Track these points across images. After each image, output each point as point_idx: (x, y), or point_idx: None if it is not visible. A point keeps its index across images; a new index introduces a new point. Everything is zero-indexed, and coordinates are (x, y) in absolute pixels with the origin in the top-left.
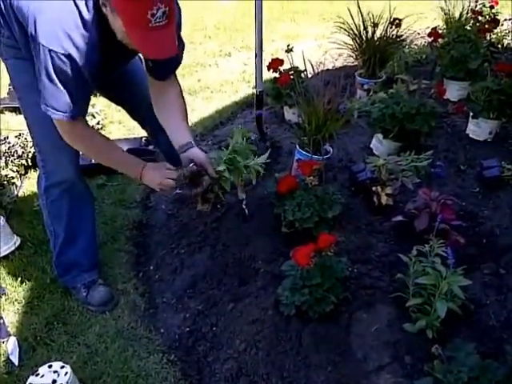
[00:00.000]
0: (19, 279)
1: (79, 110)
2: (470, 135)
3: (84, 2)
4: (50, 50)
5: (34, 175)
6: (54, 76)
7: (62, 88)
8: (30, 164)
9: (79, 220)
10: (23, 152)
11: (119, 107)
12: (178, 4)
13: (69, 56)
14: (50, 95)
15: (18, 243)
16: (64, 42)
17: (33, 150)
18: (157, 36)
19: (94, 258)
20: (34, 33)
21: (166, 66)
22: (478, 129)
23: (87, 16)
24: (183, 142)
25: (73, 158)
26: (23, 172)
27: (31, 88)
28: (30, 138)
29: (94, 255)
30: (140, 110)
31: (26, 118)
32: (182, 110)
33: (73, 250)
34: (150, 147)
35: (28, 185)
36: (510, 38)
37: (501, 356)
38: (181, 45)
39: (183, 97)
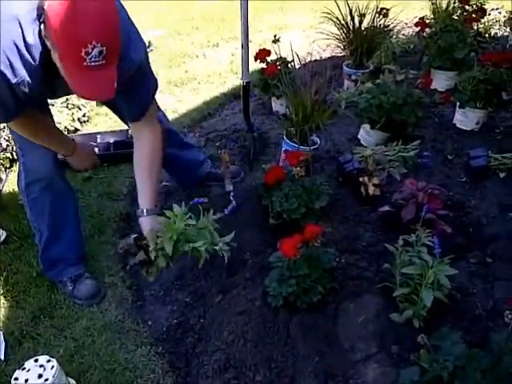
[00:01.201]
0: (5, 273)
1: (15, 115)
2: (457, 125)
3: (29, 26)
4: None
5: None
6: None
7: None
8: (15, 157)
9: (62, 216)
10: (8, 145)
11: None
12: (142, 40)
13: (1, 74)
14: None
15: (3, 237)
16: None
17: None
18: (91, 76)
19: (80, 252)
20: None
21: (132, 106)
22: (465, 118)
23: (31, 41)
24: (140, 207)
25: (51, 154)
26: (8, 165)
27: None
28: None
29: (79, 249)
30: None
31: None
32: (149, 167)
33: (58, 246)
34: None
35: (13, 178)
36: (497, 27)
37: (487, 345)
38: (152, 80)
39: (159, 147)
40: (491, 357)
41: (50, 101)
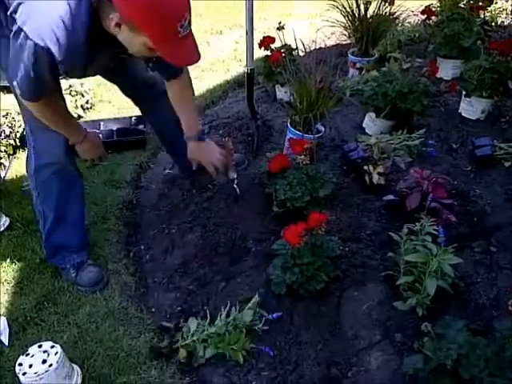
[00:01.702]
0: (8, 260)
1: (45, 95)
2: (463, 114)
3: (77, 3)
4: (29, 39)
5: (22, 155)
6: (28, 63)
7: (32, 76)
8: (18, 144)
9: (68, 201)
10: (11, 132)
11: (109, 86)
12: None
13: (48, 50)
14: (21, 78)
15: (6, 224)
16: (45, 36)
17: (21, 129)
18: (185, 44)
19: (84, 240)
20: (15, 15)
21: (168, 70)
22: (471, 107)
23: (78, 17)
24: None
25: (63, 138)
26: (11, 152)
27: None
28: (17, 118)
29: (83, 236)
30: (133, 88)
31: (16, 97)
32: (183, 104)
33: (62, 232)
34: (140, 127)
35: (16, 165)
36: (503, 16)
37: (490, 333)
38: None
39: (189, 87)
40: (495, 345)
41: None
